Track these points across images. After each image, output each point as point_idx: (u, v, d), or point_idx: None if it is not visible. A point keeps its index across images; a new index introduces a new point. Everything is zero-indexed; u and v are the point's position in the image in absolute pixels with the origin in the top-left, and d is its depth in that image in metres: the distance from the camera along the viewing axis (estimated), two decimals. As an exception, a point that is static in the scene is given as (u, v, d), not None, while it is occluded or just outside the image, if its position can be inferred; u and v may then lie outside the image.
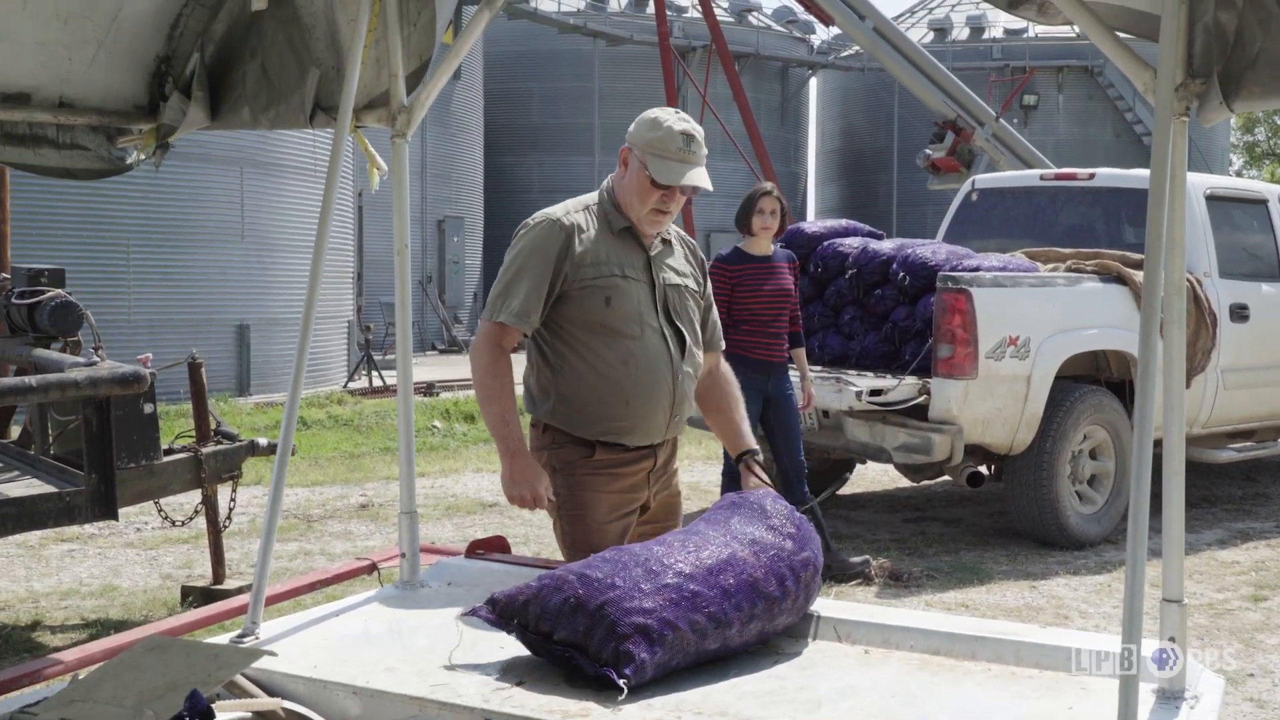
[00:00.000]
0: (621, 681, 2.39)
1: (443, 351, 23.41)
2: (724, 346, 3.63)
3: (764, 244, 6.52)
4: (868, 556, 6.71)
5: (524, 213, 3.52)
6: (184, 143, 15.14)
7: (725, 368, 3.63)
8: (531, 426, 3.42)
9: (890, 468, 8.30)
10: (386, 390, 16.16)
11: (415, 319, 24.19)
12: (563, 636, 2.51)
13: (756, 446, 3.50)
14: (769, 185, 6.60)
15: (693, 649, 2.54)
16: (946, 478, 7.52)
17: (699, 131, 3.25)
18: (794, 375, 6.74)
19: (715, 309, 3.59)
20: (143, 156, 3.48)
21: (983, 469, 7.23)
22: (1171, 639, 2.51)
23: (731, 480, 6.58)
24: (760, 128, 30.85)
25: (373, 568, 3.27)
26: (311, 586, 3.12)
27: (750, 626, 2.65)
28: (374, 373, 16.82)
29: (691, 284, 3.44)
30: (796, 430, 6.63)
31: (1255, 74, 2.37)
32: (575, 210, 3.30)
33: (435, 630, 2.84)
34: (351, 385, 16.79)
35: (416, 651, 2.72)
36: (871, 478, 9.42)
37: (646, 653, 2.45)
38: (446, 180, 25.57)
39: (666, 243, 3.42)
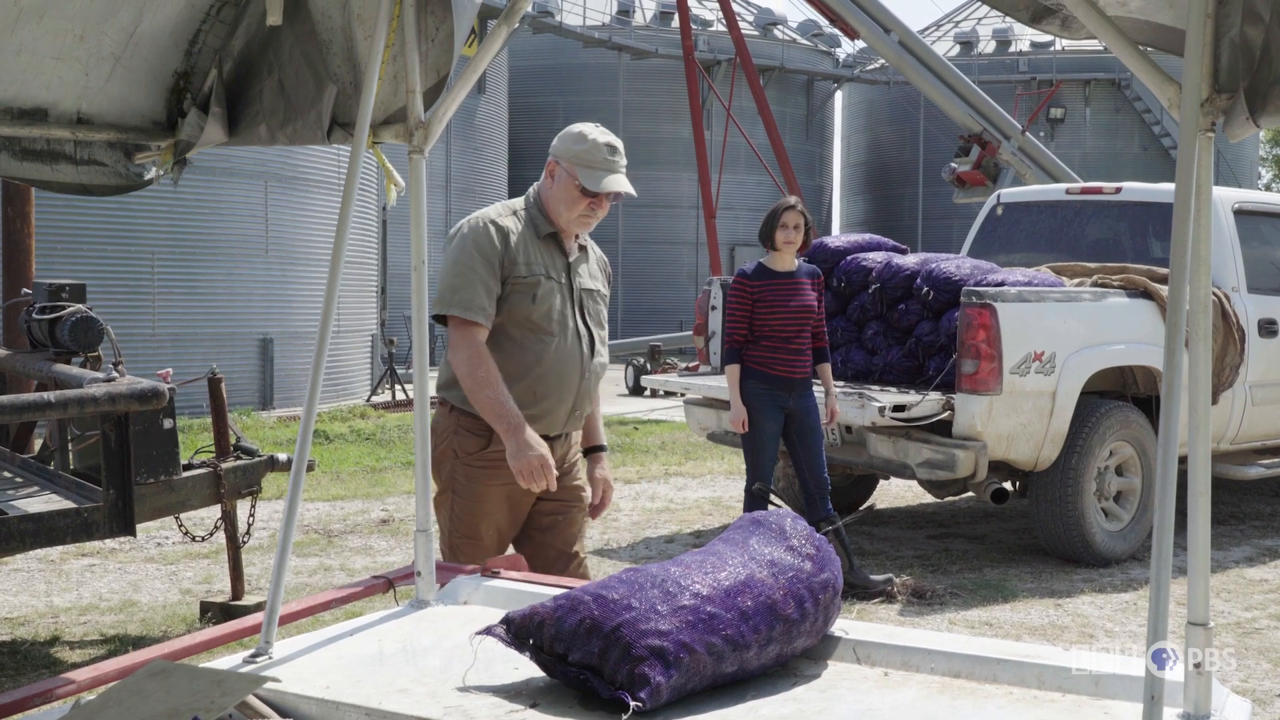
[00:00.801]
0: (636, 705, 2.35)
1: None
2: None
3: (788, 259, 6.40)
4: (890, 575, 6.65)
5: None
6: (208, 157, 15.30)
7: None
8: (440, 404, 3.76)
9: (914, 484, 8.24)
10: (410, 404, 16.16)
11: (439, 332, 24.20)
12: (578, 658, 2.48)
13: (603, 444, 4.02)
14: (794, 199, 6.45)
15: (709, 672, 2.50)
16: (971, 494, 7.46)
17: (620, 142, 3.64)
18: (818, 391, 6.67)
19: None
20: (161, 172, 3.47)
21: (1007, 485, 7.19)
22: (1197, 665, 2.45)
23: (754, 500, 6.54)
24: (785, 141, 30.81)
25: (389, 586, 3.24)
26: (327, 605, 3.08)
27: (768, 649, 2.61)
28: (397, 386, 16.84)
29: (602, 289, 3.83)
30: (819, 447, 6.57)
31: (1283, 88, 2.33)
32: (505, 214, 3.64)
33: (449, 651, 2.81)
34: (374, 399, 16.83)
35: (430, 672, 2.69)
36: (896, 493, 9.36)
37: (662, 675, 2.41)
38: (470, 194, 25.64)
39: (583, 249, 3.78)
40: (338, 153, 16.86)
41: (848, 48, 35.94)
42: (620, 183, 3.59)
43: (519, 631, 2.58)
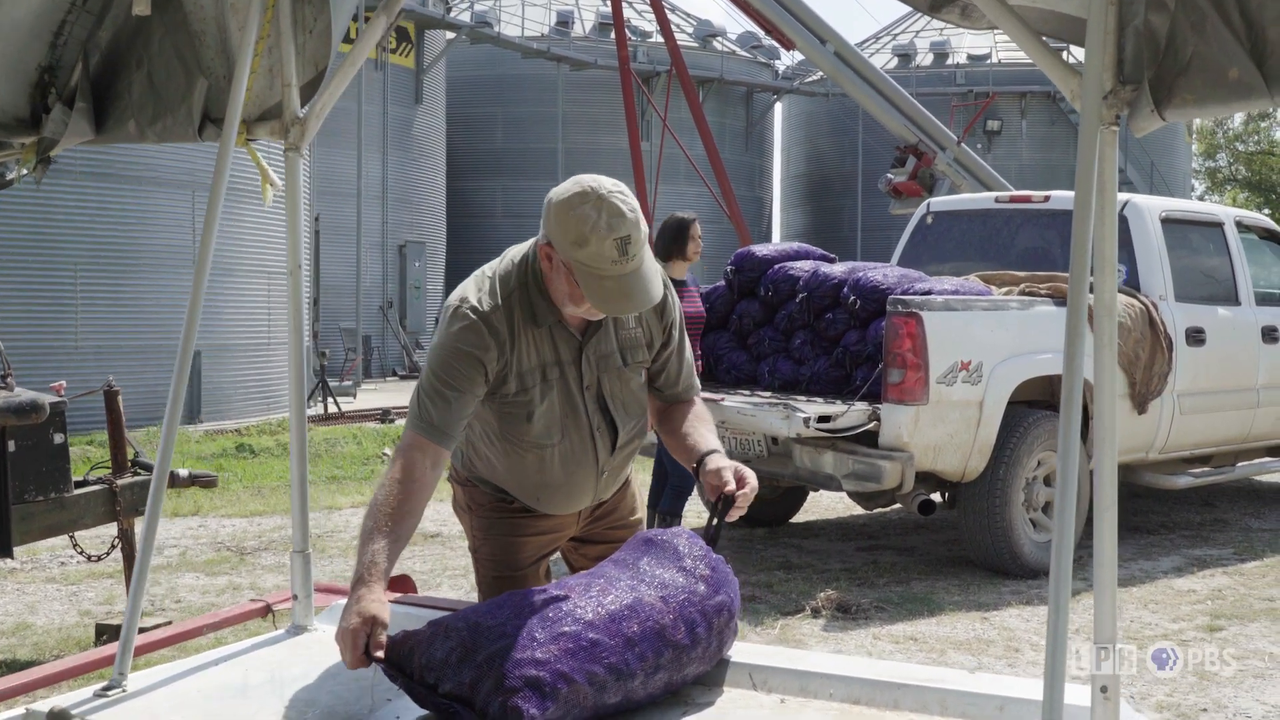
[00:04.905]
0: None
1: (403, 378, 23.13)
2: (699, 391, 3.12)
3: (683, 269, 6.80)
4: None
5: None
6: (134, 166, 14.93)
7: (698, 408, 3.08)
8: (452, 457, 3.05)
9: (845, 495, 8.13)
10: (341, 417, 15.92)
11: (376, 344, 23.91)
12: (448, 689, 2.31)
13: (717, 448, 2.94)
14: (692, 214, 7.01)
15: (590, 703, 2.34)
16: (901, 506, 7.35)
17: (632, 220, 2.60)
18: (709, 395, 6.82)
19: (689, 351, 3.08)
20: (23, 172, 3.26)
21: (935, 497, 7.07)
22: (1104, 689, 2.31)
23: (661, 520, 6.61)
24: (725, 152, 30.79)
25: (267, 610, 3.07)
26: (198, 631, 2.91)
27: (656, 677, 2.46)
28: (328, 399, 16.56)
29: (641, 354, 2.93)
30: None
31: (1188, 80, 2.20)
32: (502, 302, 2.74)
33: (320, 682, 2.64)
34: (307, 412, 16.50)
35: (297, 705, 2.52)
36: (826, 505, 9.24)
37: (537, 708, 2.25)
38: (407, 205, 25.35)
39: None
40: (269, 161, 16.53)
41: (787, 60, 36.01)
42: (644, 294, 2.65)
43: (391, 658, 2.41)
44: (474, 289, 2.78)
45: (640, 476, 9.04)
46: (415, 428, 2.71)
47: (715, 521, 2.79)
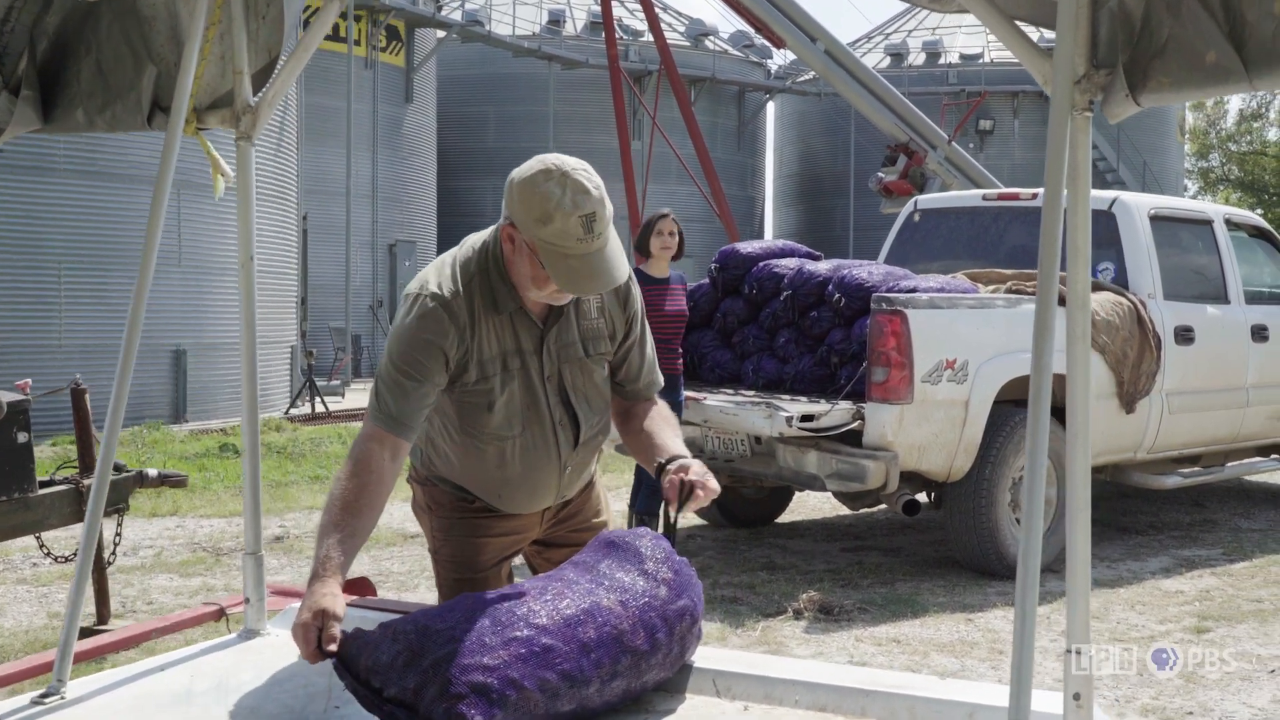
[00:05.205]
0: None
1: (392, 377, 22.97)
2: (660, 387, 3.05)
3: (662, 266, 6.76)
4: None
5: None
6: (119, 164, 14.85)
7: (661, 408, 3.00)
8: (411, 455, 2.99)
9: (831, 496, 8.04)
10: (329, 416, 15.82)
11: (366, 344, 23.80)
12: (393, 694, 2.22)
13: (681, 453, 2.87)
14: (667, 209, 6.93)
15: (541, 710, 2.25)
16: (887, 506, 7.26)
17: (596, 198, 2.52)
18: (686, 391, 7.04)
19: (651, 346, 3.01)
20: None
21: (920, 497, 6.99)
22: (1076, 695, 2.23)
23: (639, 521, 6.52)
24: (717, 152, 30.72)
25: (221, 613, 2.98)
26: (146, 635, 2.81)
27: (613, 684, 2.36)
28: (316, 399, 16.45)
29: (603, 345, 2.85)
30: None
31: (1163, 63, 2.12)
32: (462, 289, 2.66)
33: (267, 688, 2.55)
34: (293, 412, 16.42)
35: (241, 713, 2.42)
36: (813, 505, 9.16)
37: (483, 715, 2.15)
38: (398, 204, 25.25)
39: (574, 299, 2.77)
40: (257, 158, 16.43)
41: (779, 59, 35.93)
42: (609, 274, 2.56)
43: (342, 655, 2.32)
44: (434, 275, 2.69)
45: (625, 475, 8.93)
46: (373, 418, 2.63)
47: (673, 519, 2.72)
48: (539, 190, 2.51)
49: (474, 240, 2.78)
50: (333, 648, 2.28)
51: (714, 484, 2.75)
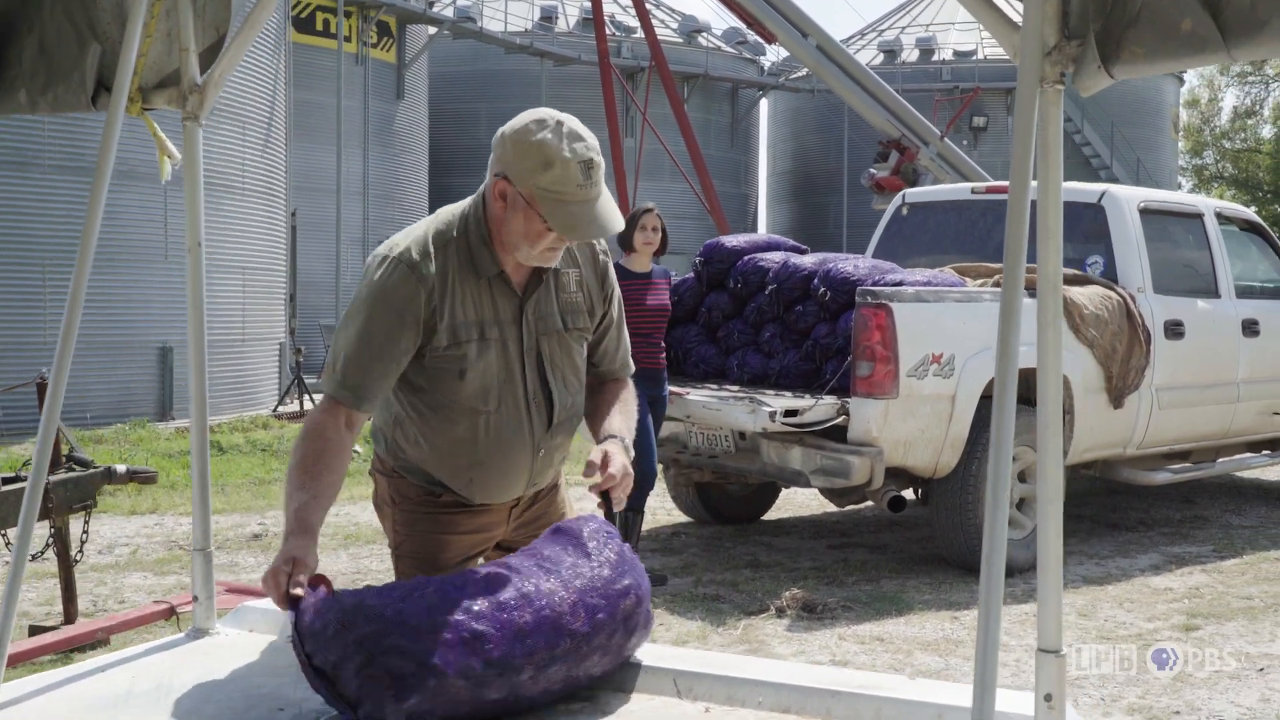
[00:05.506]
0: None
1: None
2: (632, 370, 2.99)
3: (644, 260, 6.69)
4: (664, 575, 6.77)
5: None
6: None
7: (627, 389, 2.96)
8: (375, 447, 2.91)
9: (818, 492, 7.94)
10: (316, 414, 15.70)
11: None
12: (319, 664, 2.17)
13: (618, 434, 2.78)
14: (650, 204, 6.83)
15: (467, 697, 2.17)
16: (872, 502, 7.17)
17: (593, 144, 2.53)
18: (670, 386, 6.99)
19: (626, 331, 2.96)
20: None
21: (906, 493, 6.89)
22: (1048, 697, 2.13)
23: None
24: (710, 149, 30.62)
25: (171, 612, 2.88)
26: (90, 635, 2.71)
27: (551, 670, 2.26)
28: (305, 396, 16.33)
29: (582, 320, 2.77)
30: (652, 440, 6.65)
31: (1137, 33, 2.02)
32: (434, 251, 2.59)
33: (210, 691, 2.44)
34: (281, 409, 16.31)
35: (179, 715, 2.32)
36: (800, 502, 9.06)
37: (393, 698, 2.11)
38: (389, 201, 25.12)
39: (552, 270, 2.71)
40: (244, 154, 16.35)
41: (772, 56, 35.83)
42: (608, 220, 2.52)
43: (296, 613, 2.25)
44: (403, 238, 2.64)
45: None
46: (328, 389, 2.58)
47: (612, 516, 2.64)
48: (535, 139, 2.48)
49: (448, 210, 2.72)
50: (299, 591, 2.25)
51: (616, 464, 2.62)
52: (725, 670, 2.48)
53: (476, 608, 2.20)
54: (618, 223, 2.56)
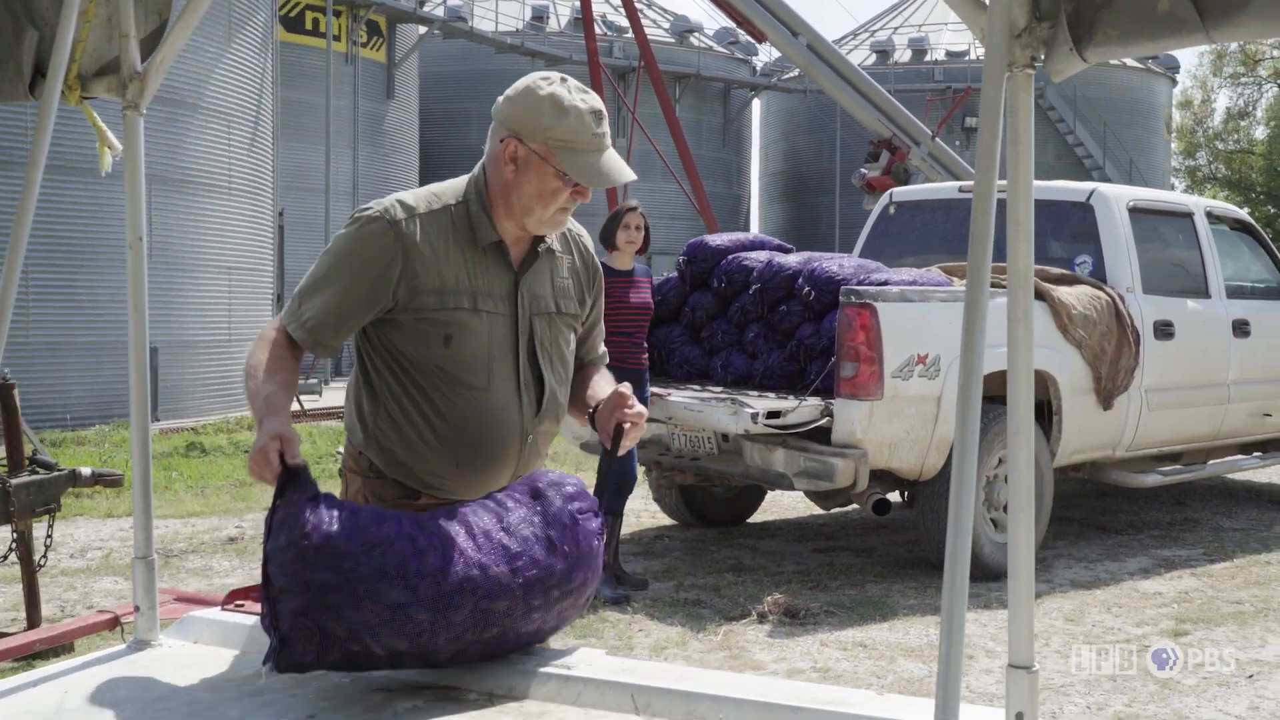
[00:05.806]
0: (265, 667, 2.24)
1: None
2: (607, 360, 2.96)
3: (627, 259, 6.61)
4: (645, 579, 6.67)
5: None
6: (87, 158, 14.60)
7: (603, 369, 2.93)
8: (349, 443, 2.78)
9: (804, 494, 7.83)
10: (303, 415, 15.57)
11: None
12: (269, 572, 2.24)
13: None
14: (634, 202, 6.75)
15: (383, 664, 2.32)
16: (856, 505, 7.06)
17: (595, 96, 2.57)
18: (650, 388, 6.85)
19: (602, 322, 2.91)
20: None
21: (891, 496, 6.78)
22: (1019, 715, 2.02)
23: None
24: (702, 149, 30.54)
25: (115, 622, 2.77)
26: (28, 646, 2.60)
27: (470, 649, 2.36)
28: (296, 397, 16.20)
29: (572, 305, 2.73)
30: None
31: (1111, 14, 1.92)
32: (427, 211, 2.54)
33: (145, 707, 2.33)
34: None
35: (112, 734, 2.21)
36: (786, 504, 8.95)
37: (315, 656, 2.24)
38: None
39: (548, 251, 2.67)
40: (230, 153, 16.23)
41: (764, 56, 35.76)
42: (622, 169, 2.53)
43: (287, 479, 2.31)
44: (391, 198, 2.59)
45: (588, 474, 8.74)
46: (285, 321, 2.59)
47: (612, 464, 2.73)
48: (543, 93, 2.50)
49: (446, 183, 2.68)
50: (295, 461, 2.28)
51: (639, 408, 2.65)
52: (684, 685, 2.37)
53: (423, 591, 2.24)
54: (628, 172, 2.57)
